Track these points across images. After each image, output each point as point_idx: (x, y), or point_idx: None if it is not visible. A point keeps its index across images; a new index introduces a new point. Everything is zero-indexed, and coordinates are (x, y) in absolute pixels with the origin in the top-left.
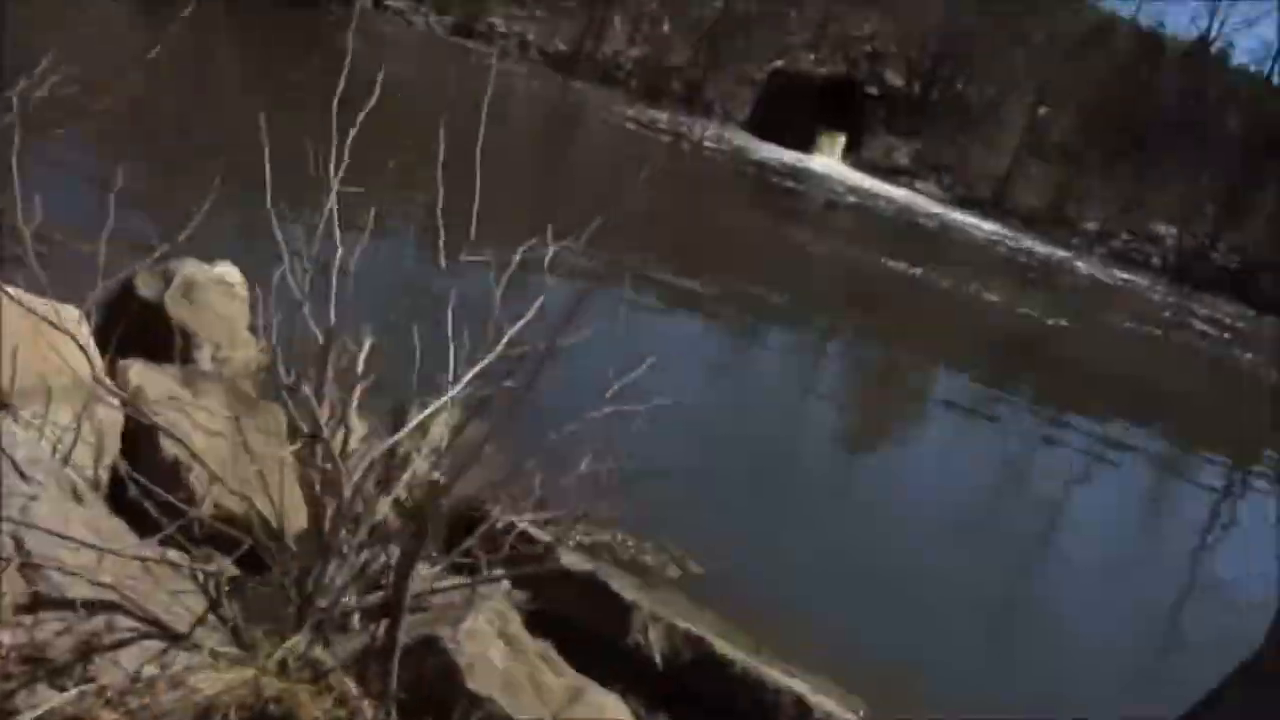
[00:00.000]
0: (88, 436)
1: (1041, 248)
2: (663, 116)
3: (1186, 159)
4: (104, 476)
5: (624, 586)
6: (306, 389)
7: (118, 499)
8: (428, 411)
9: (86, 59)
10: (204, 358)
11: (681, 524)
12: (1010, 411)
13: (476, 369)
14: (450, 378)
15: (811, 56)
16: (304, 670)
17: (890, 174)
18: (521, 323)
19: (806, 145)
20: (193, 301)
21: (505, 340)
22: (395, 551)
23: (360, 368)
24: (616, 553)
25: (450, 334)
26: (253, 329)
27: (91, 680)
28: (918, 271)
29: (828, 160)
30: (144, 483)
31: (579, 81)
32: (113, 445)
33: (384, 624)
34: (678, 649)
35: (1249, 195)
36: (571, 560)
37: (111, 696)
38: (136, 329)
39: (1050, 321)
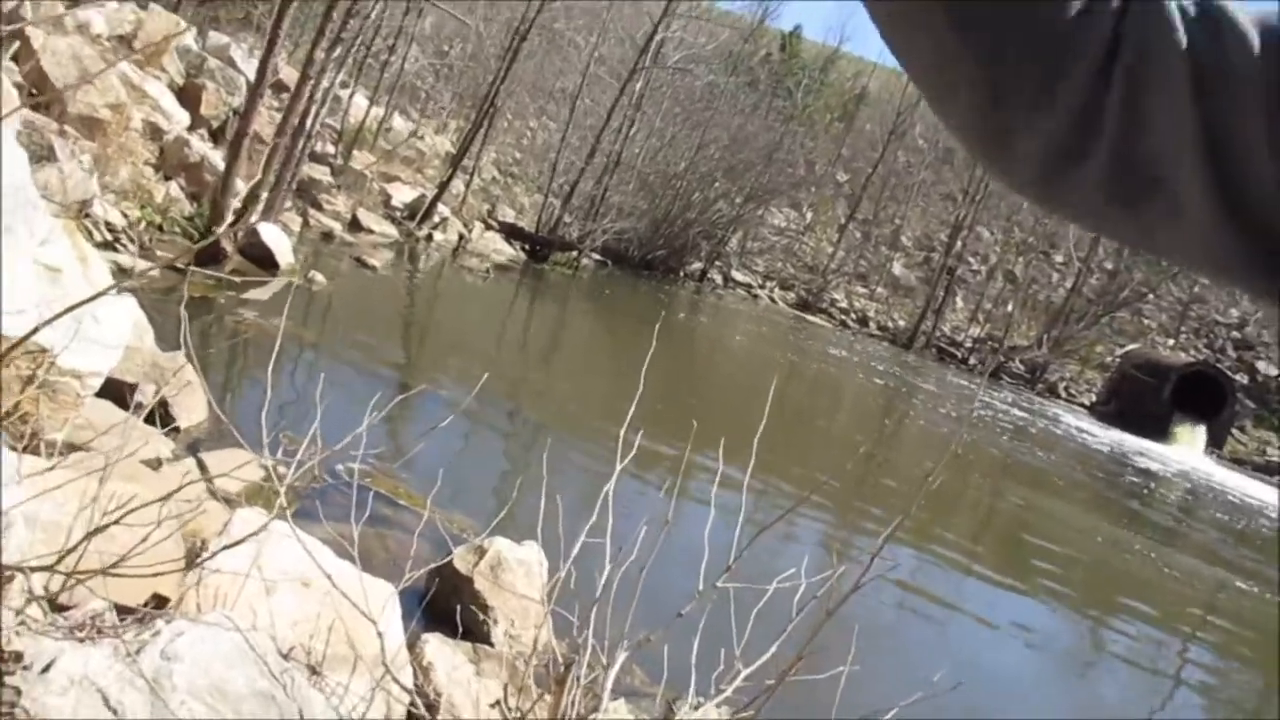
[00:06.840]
0: (379, 706)
1: None
2: (1005, 398)
3: None
4: None
5: None
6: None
7: None
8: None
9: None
10: (498, 635)
11: None
12: None
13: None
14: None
15: (1170, 341)
16: None
17: (1263, 471)
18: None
19: (1161, 436)
20: (497, 579)
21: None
22: None
23: (609, 685)
24: None
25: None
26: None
27: None
28: None
29: (1186, 453)
30: None
31: (915, 357)
32: (397, 716)
33: None
34: None
35: None
36: None
37: None
38: (451, 596)
39: None
